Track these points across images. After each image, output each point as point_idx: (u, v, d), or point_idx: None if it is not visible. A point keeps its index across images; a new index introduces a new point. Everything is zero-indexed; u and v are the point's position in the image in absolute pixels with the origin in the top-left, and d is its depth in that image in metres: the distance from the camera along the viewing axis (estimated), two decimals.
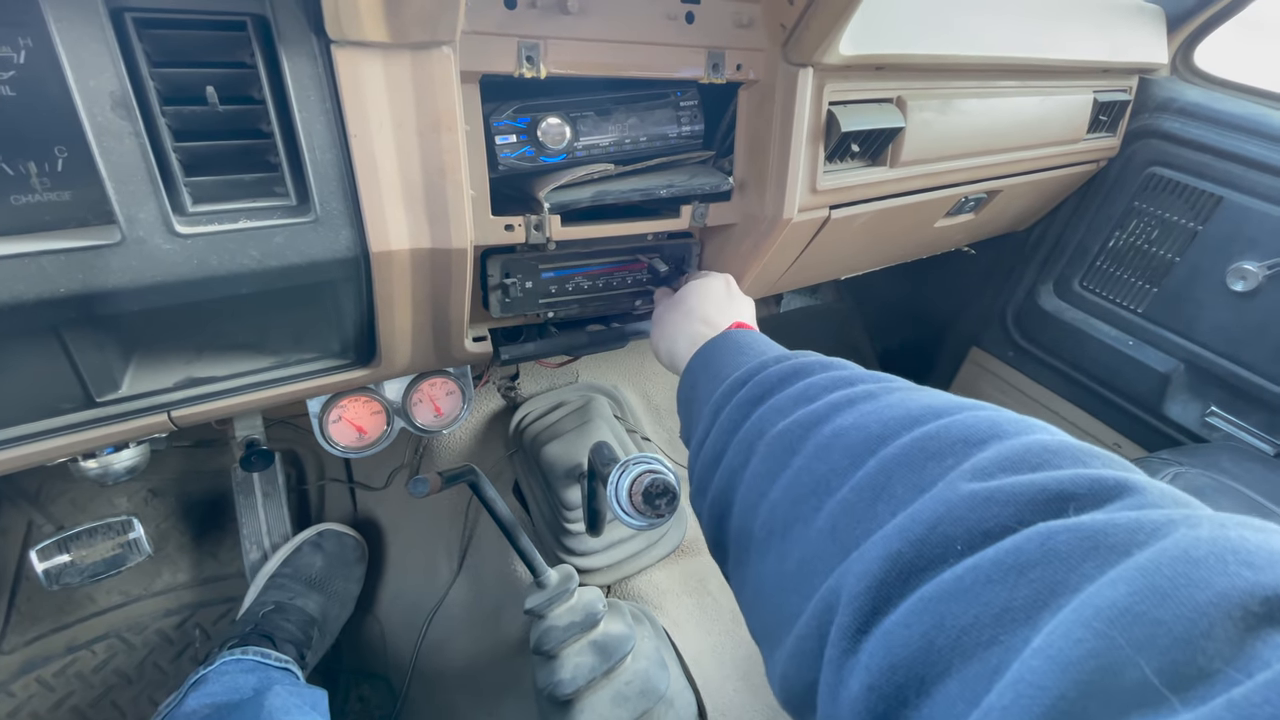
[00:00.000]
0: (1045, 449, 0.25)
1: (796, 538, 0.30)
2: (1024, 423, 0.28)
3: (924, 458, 0.27)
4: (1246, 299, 1.07)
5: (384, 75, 0.43)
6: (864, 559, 0.25)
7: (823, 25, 0.56)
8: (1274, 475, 0.94)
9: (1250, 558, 0.17)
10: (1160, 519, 0.20)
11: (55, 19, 0.34)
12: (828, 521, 0.29)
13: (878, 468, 0.28)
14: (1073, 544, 0.20)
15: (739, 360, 0.44)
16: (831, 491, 0.29)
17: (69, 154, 0.38)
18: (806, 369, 0.39)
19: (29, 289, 0.38)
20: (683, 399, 0.49)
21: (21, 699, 0.96)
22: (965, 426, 0.28)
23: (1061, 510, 0.22)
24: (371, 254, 0.47)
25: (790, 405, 0.36)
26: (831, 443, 0.31)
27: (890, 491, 0.27)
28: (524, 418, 1.02)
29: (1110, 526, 0.20)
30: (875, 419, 0.31)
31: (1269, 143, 1.03)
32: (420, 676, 0.99)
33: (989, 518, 0.23)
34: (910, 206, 0.85)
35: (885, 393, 0.34)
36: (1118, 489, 0.22)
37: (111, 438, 0.50)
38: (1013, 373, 1.45)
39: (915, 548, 0.23)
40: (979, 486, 0.24)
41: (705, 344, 0.49)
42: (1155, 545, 0.19)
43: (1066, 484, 0.23)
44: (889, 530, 0.25)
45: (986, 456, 0.25)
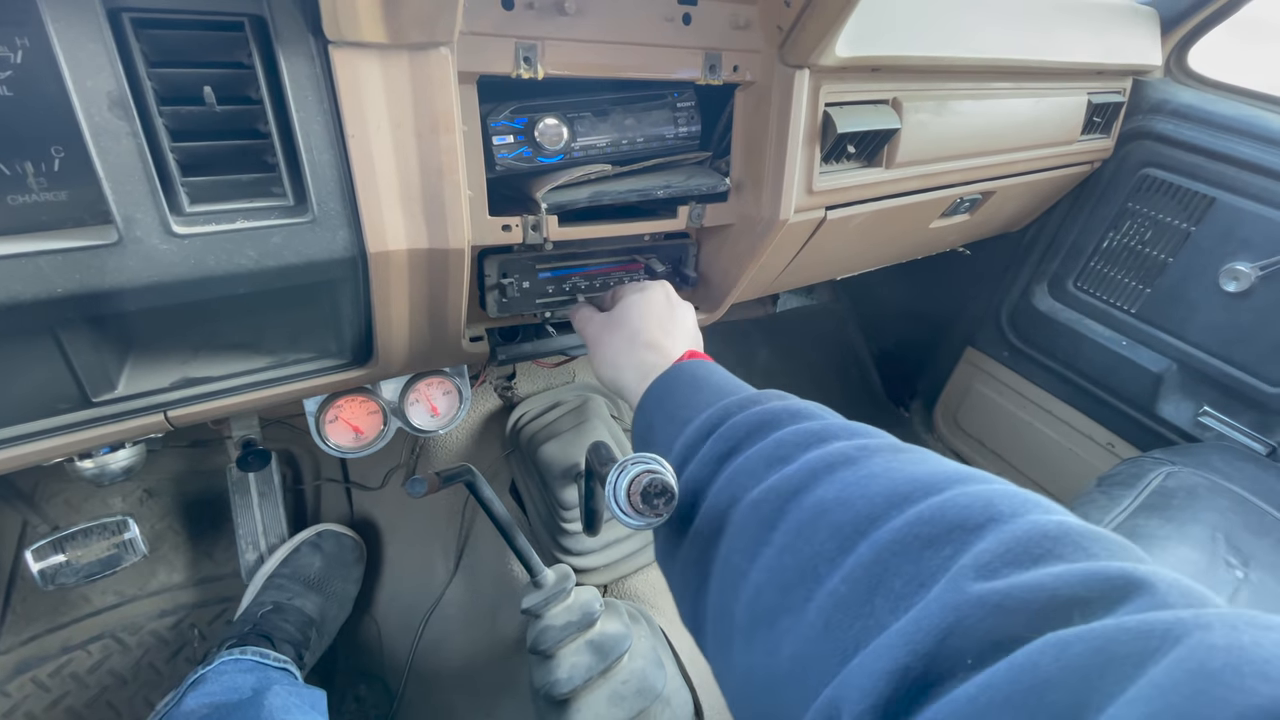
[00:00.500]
0: (1045, 535, 0.24)
1: (785, 630, 0.28)
2: (1019, 499, 0.27)
3: (920, 545, 0.26)
4: (1239, 299, 1.08)
5: (382, 76, 0.43)
6: (867, 672, 0.23)
7: (819, 27, 0.56)
8: (1266, 474, 0.95)
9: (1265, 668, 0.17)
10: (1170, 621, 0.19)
11: (53, 19, 0.34)
12: (819, 616, 0.27)
13: (871, 556, 0.27)
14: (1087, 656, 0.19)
15: (697, 401, 0.41)
16: (820, 580, 0.28)
17: (66, 154, 0.38)
18: (775, 419, 0.37)
19: (26, 289, 0.38)
20: (639, 439, 0.46)
21: (17, 699, 0.95)
22: (960, 508, 0.27)
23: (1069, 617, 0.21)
24: (369, 254, 0.47)
25: (763, 467, 0.34)
26: (815, 520, 0.30)
27: (888, 585, 0.26)
28: (521, 417, 1.02)
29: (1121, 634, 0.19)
30: (859, 494, 0.29)
31: (1261, 144, 1.04)
32: (417, 676, 0.99)
33: (1000, 628, 0.22)
34: (906, 207, 0.86)
35: (864, 455, 0.32)
36: (1126, 588, 0.22)
37: (107, 438, 0.50)
38: (1008, 373, 1.46)
39: (924, 662, 0.22)
40: (986, 589, 0.23)
41: (658, 379, 0.46)
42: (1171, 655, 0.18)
43: (1077, 586, 0.22)
44: (893, 638, 0.23)
45: (987, 548, 0.24)
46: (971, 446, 1.57)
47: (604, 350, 0.54)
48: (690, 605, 0.36)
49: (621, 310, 0.56)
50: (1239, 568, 0.79)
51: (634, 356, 0.51)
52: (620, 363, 0.52)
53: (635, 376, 0.49)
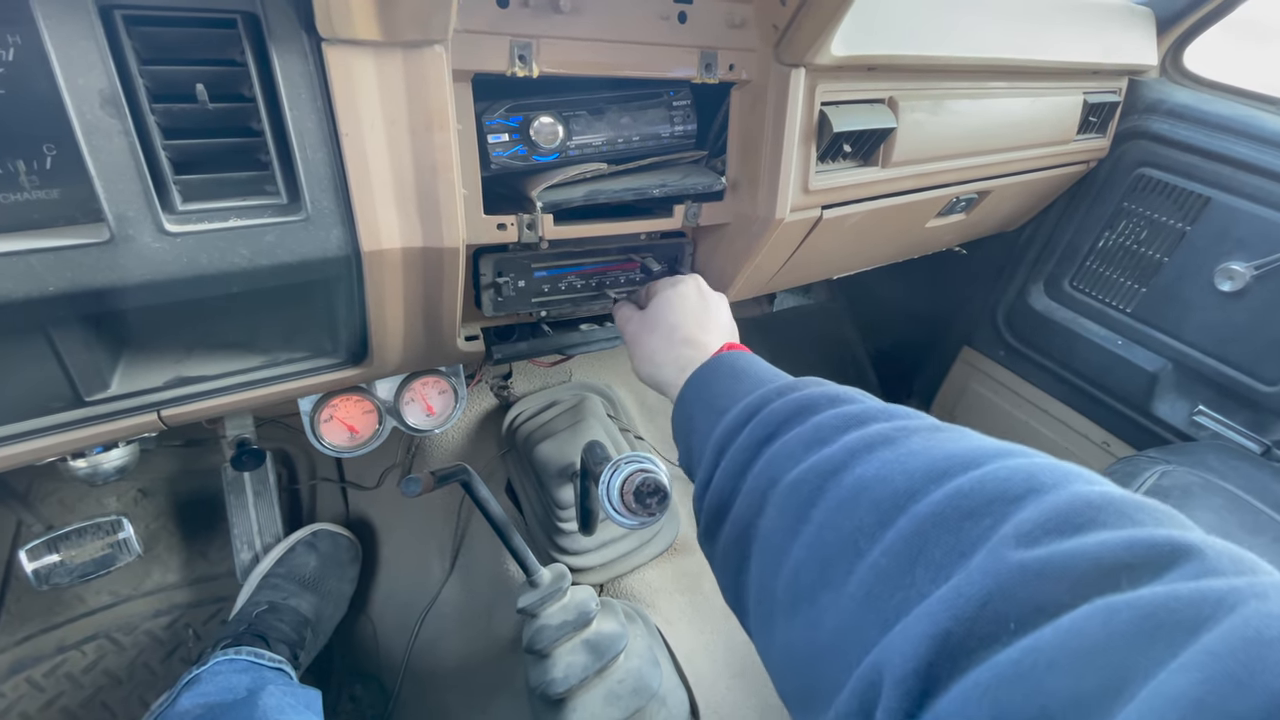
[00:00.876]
0: (1089, 504, 0.24)
1: (828, 604, 0.29)
2: (1060, 471, 0.27)
3: (959, 517, 0.26)
4: (1234, 299, 1.08)
5: (376, 74, 0.43)
6: (909, 636, 0.23)
7: (815, 26, 0.56)
8: (1260, 473, 0.96)
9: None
10: (1224, 589, 0.19)
11: (44, 16, 0.34)
12: (860, 588, 0.27)
13: (911, 529, 0.27)
14: (1136, 623, 0.19)
15: (736, 390, 0.42)
16: (861, 554, 0.28)
17: (58, 152, 0.38)
18: (813, 404, 0.37)
19: (17, 288, 0.38)
20: (679, 430, 0.46)
21: (11, 699, 0.95)
22: (1000, 480, 0.26)
23: (1117, 583, 0.21)
24: (363, 253, 0.47)
25: (801, 449, 0.34)
26: (855, 496, 0.30)
27: (928, 556, 0.26)
28: (517, 417, 1.02)
29: (1173, 601, 0.19)
30: (899, 470, 0.29)
31: (1256, 144, 1.04)
32: (412, 676, 0.99)
33: (1042, 593, 0.21)
34: (902, 207, 0.86)
35: (903, 435, 0.32)
36: (1174, 554, 0.21)
37: (100, 437, 0.50)
38: (1004, 372, 1.46)
39: (965, 626, 0.22)
40: (1028, 556, 0.22)
41: (696, 371, 0.47)
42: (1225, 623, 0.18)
43: (1121, 552, 0.21)
44: (934, 605, 0.23)
45: (1028, 516, 0.24)
46: None
47: (643, 348, 0.56)
48: (732, 585, 0.37)
49: (657, 307, 0.57)
50: None
51: (672, 352, 0.52)
52: (659, 359, 0.53)
53: (674, 371, 0.50)
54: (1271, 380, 1.06)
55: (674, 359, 0.51)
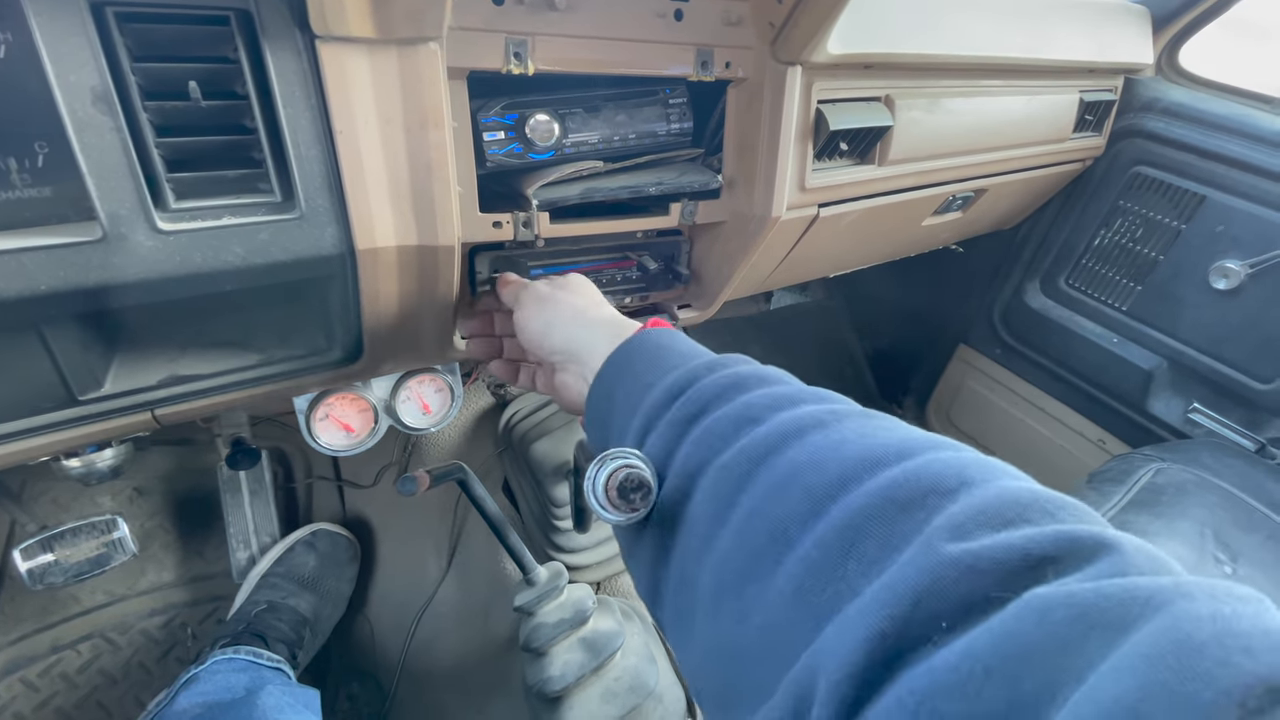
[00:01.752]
0: (1017, 500, 0.24)
1: (754, 597, 0.28)
2: (988, 466, 0.27)
3: (894, 510, 0.26)
4: (1228, 297, 1.09)
5: (370, 71, 0.42)
6: (842, 639, 0.23)
7: (811, 24, 0.56)
8: (1254, 471, 0.96)
9: (1248, 641, 0.17)
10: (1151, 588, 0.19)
11: (35, 13, 0.34)
12: (790, 582, 0.26)
13: (844, 520, 0.26)
14: (1068, 623, 0.19)
15: (662, 365, 0.40)
16: (791, 544, 0.27)
17: (49, 149, 0.38)
18: (743, 382, 0.36)
19: (9, 286, 0.37)
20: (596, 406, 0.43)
21: (5, 700, 0.95)
22: (933, 473, 0.26)
23: (1044, 575, 0.22)
24: (357, 251, 0.47)
25: (732, 430, 0.33)
26: (786, 483, 0.29)
27: (861, 550, 0.25)
28: (513, 415, 1.02)
29: (1102, 599, 0.19)
30: (833, 457, 0.29)
31: (1251, 143, 1.04)
32: (409, 675, 0.99)
33: (974, 588, 0.22)
34: (898, 205, 0.86)
35: (834, 419, 0.31)
36: (1095, 548, 0.22)
37: (94, 436, 0.50)
38: (1000, 370, 1.46)
39: (899, 626, 0.22)
40: (959, 550, 0.23)
41: (625, 342, 0.44)
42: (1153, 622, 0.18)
43: (1048, 546, 0.22)
44: (867, 603, 0.23)
45: (960, 510, 0.24)
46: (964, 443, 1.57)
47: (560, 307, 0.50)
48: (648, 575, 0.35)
49: (577, 279, 0.54)
50: (1228, 563, 0.80)
51: (603, 314, 0.49)
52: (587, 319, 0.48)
53: (606, 335, 0.46)
54: (1266, 378, 1.07)
55: (604, 321, 0.48)
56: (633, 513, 0.32)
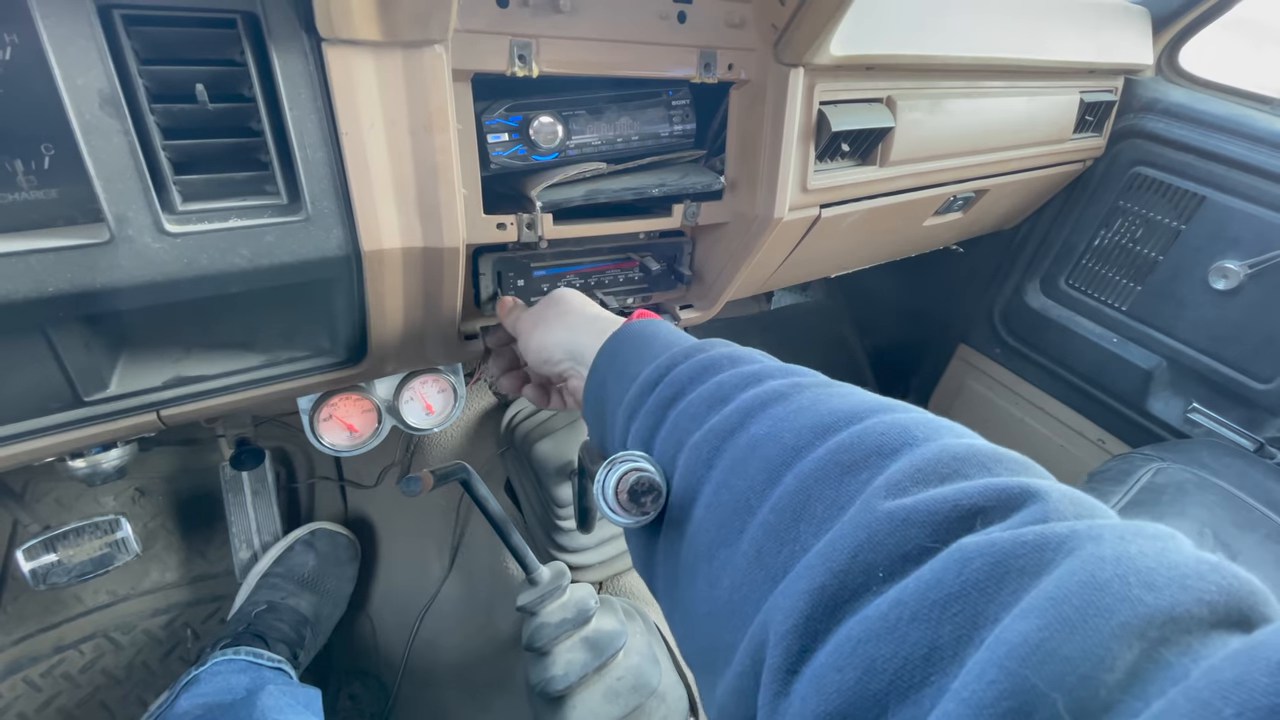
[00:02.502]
0: (954, 457, 0.25)
1: (723, 562, 0.29)
2: (932, 426, 0.28)
3: (840, 472, 0.27)
4: (1228, 297, 1.09)
5: (375, 74, 0.43)
6: (789, 593, 0.24)
7: (814, 26, 0.56)
8: (1253, 470, 0.96)
9: (1151, 577, 0.18)
10: (1065, 532, 0.20)
11: (43, 16, 0.34)
12: (751, 546, 0.28)
13: (796, 485, 0.28)
14: (987, 569, 0.20)
15: (645, 354, 0.42)
16: (752, 511, 0.29)
17: (56, 152, 0.38)
18: (716, 364, 0.37)
19: (16, 288, 0.38)
20: (592, 401, 0.45)
21: (8, 700, 0.95)
22: (877, 435, 0.28)
23: (971, 525, 0.23)
24: (363, 253, 0.47)
25: (704, 410, 0.35)
26: (748, 455, 0.31)
27: (810, 511, 0.27)
28: (515, 415, 1.02)
29: (1019, 547, 0.20)
30: (788, 427, 0.30)
31: (1251, 143, 1.05)
32: (412, 674, 0.99)
33: (907, 540, 0.23)
34: (899, 205, 0.86)
35: (795, 391, 0.33)
36: (1022, 497, 0.23)
37: (99, 437, 0.50)
38: (1000, 370, 1.47)
39: (839, 579, 0.23)
40: (894, 505, 0.24)
41: (611, 335, 0.46)
42: (1063, 566, 0.19)
43: (976, 498, 0.23)
44: (812, 559, 0.25)
45: (899, 468, 0.25)
46: None
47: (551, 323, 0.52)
48: (643, 553, 0.37)
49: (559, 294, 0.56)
50: None
51: (587, 315, 0.51)
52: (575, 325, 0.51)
53: (593, 333, 0.48)
54: (1265, 378, 1.07)
55: (592, 320, 0.50)
56: (643, 515, 0.33)
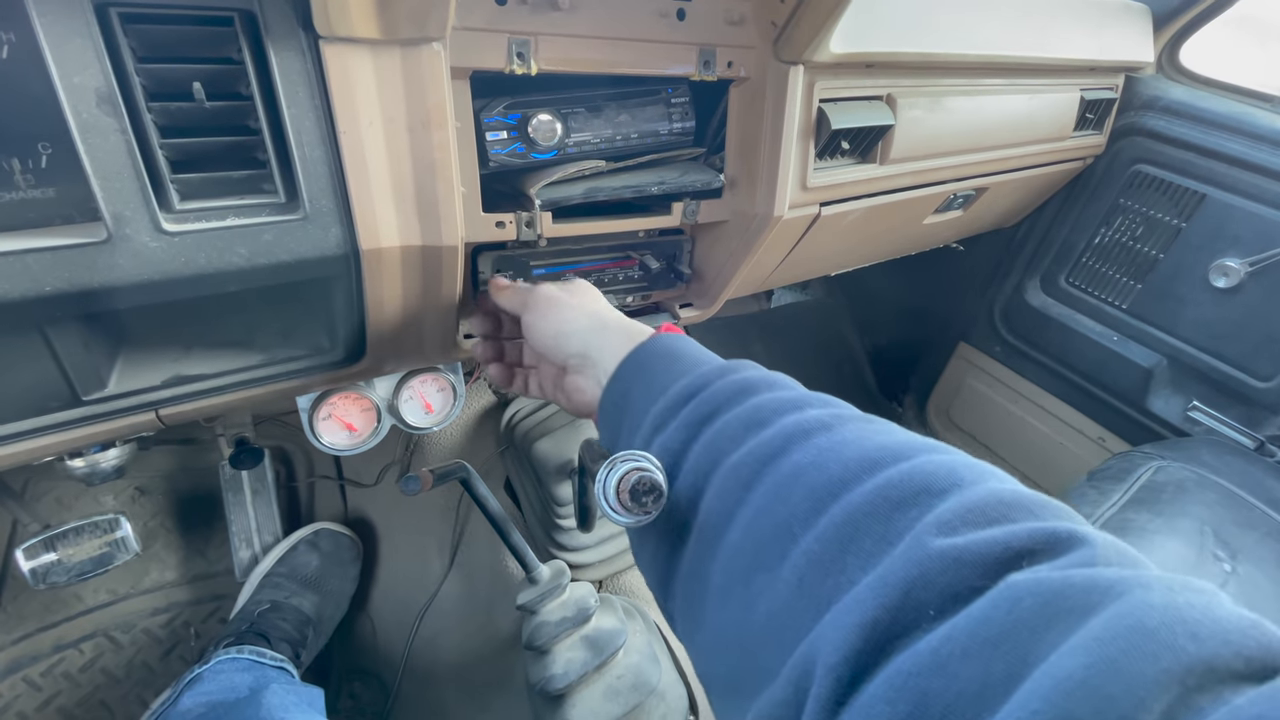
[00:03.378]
0: (1001, 500, 0.26)
1: (761, 587, 0.29)
2: (978, 469, 0.29)
3: (889, 508, 0.27)
4: (1228, 295, 1.09)
5: (373, 72, 0.42)
6: (839, 625, 0.25)
7: (813, 23, 0.56)
8: (1253, 468, 0.96)
9: (1196, 629, 0.19)
10: (1113, 577, 0.21)
11: (39, 14, 0.34)
12: (794, 573, 0.28)
13: (843, 517, 0.28)
14: (1037, 608, 0.21)
15: (676, 369, 0.41)
16: (795, 539, 0.29)
17: (53, 150, 0.38)
18: (752, 386, 0.38)
19: (13, 287, 0.38)
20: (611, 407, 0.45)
21: (8, 699, 0.95)
22: (925, 474, 0.28)
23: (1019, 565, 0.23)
24: (361, 251, 0.47)
25: (741, 431, 0.34)
26: (791, 482, 0.31)
27: (858, 545, 0.27)
28: (515, 414, 1.02)
29: (1068, 587, 0.21)
30: (834, 458, 0.31)
31: (1251, 141, 1.05)
32: (412, 673, 0.99)
33: (959, 579, 0.23)
34: (899, 203, 0.86)
35: (838, 423, 0.33)
36: (1070, 541, 0.24)
37: (98, 436, 0.50)
38: (1000, 368, 1.46)
39: (891, 614, 0.24)
40: (946, 544, 0.24)
41: (639, 346, 0.45)
42: (1111, 609, 0.20)
43: (1025, 540, 0.24)
44: (862, 592, 0.25)
45: (948, 508, 0.26)
46: (964, 441, 1.58)
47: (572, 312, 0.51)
48: (661, 567, 0.37)
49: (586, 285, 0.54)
50: (1227, 561, 0.80)
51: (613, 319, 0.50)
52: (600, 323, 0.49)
53: (620, 339, 0.47)
54: (1265, 376, 1.07)
55: (620, 327, 0.48)
56: (644, 515, 0.33)
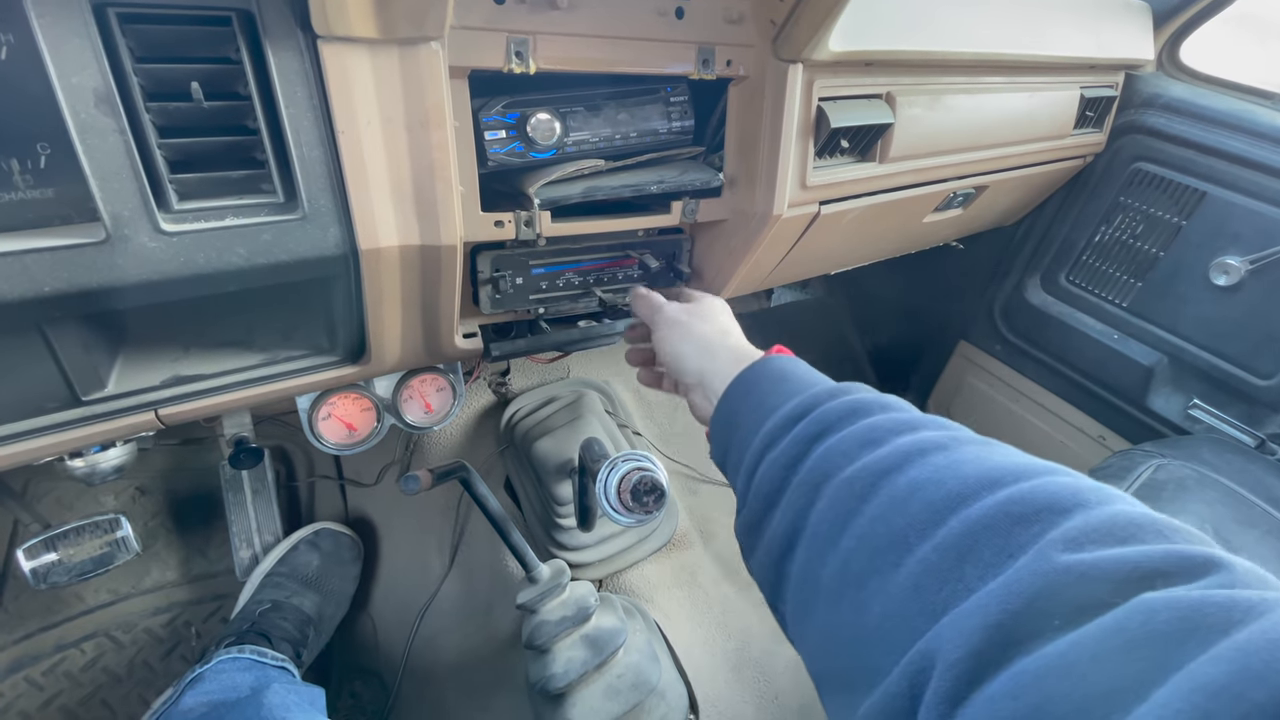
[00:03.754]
0: (1131, 522, 0.26)
1: (875, 590, 0.30)
2: (1104, 492, 0.29)
3: (1010, 522, 0.27)
4: (1229, 293, 1.09)
5: (371, 71, 0.42)
6: (959, 627, 0.25)
7: (812, 21, 0.56)
8: (1253, 467, 0.96)
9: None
10: (1255, 599, 0.21)
11: (37, 14, 0.34)
12: (909, 579, 0.29)
13: (962, 529, 0.28)
14: (1173, 623, 0.21)
15: (785, 390, 0.43)
16: (911, 548, 0.29)
17: (52, 151, 0.38)
18: (865, 407, 0.38)
19: (13, 288, 0.38)
20: (722, 424, 0.47)
21: (10, 698, 0.95)
22: (1049, 494, 0.28)
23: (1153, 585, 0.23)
24: (360, 251, 0.47)
25: (855, 448, 0.35)
26: (908, 496, 0.31)
27: (977, 555, 0.27)
28: (515, 414, 1.02)
29: (1208, 605, 0.21)
30: (952, 475, 0.31)
31: (1252, 139, 1.04)
32: (412, 672, 0.99)
33: (1086, 593, 0.23)
34: (899, 202, 0.86)
35: (955, 444, 0.33)
36: (1206, 565, 0.23)
37: (98, 437, 0.50)
38: (1000, 366, 1.46)
39: (1014, 619, 0.24)
40: (1073, 559, 0.24)
41: (749, 367, 0.48)
42: (1252, 625, 0.20)
43: (1159, 561, 0.23)
44: (984, 598, 0.25)
45: (1074, 525, 0.26)
46: None
47: (691, 335, 0.56)
48: (773, 572, 0.38)
49: (709, 304, 0.59)
50: None
51: (728, 343, 0.54)
52: (713, 347, 0.54)
53: (729, 361, 0.51)
54: (1266, 374, 1.07)
55: (731, 349, 0.53)
56: (646, 515, 0.33)
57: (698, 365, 0.53)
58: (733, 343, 0.54)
